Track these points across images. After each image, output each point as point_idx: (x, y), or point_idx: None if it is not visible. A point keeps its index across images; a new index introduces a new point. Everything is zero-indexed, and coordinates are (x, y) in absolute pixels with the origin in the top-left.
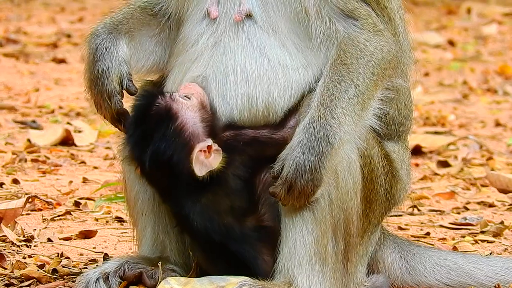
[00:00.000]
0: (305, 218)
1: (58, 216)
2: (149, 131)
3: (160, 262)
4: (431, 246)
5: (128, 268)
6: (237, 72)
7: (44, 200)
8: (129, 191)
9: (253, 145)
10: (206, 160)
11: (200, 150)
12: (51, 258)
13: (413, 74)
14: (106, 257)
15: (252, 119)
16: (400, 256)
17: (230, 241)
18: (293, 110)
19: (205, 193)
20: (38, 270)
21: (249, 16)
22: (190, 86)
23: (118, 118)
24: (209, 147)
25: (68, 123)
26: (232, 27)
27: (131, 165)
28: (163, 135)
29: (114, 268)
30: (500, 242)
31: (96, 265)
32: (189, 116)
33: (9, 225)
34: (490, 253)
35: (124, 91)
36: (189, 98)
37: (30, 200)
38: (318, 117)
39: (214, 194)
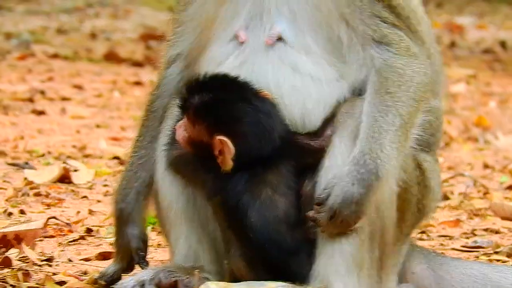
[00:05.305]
0: None
1: (73, 241)
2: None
3: (197, 270)
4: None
5: (163, 276)
6: (270, 88)
7: (63, 221)
8: (162, 201)
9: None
10: None
11: None
12: (81, 275)
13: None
14: (142, 263)
15: None
16: (428, 266)
17: (277, 249)
18: (329, 119)
19: (265, 187)
20: (77, 281)
21: (280, 38)
22: None
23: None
24: None
25: (64, 162)
26: (261, 49)
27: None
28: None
29: (150, 276)
30: None
31: (132, 274)
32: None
33: (29, 246)
34: None
35: None
36: None
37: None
38: (369, 151)
39: (274, 190)
